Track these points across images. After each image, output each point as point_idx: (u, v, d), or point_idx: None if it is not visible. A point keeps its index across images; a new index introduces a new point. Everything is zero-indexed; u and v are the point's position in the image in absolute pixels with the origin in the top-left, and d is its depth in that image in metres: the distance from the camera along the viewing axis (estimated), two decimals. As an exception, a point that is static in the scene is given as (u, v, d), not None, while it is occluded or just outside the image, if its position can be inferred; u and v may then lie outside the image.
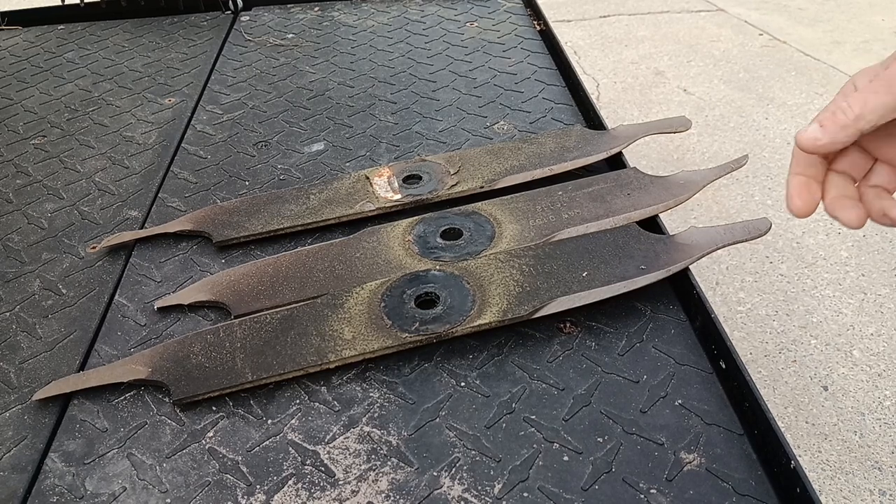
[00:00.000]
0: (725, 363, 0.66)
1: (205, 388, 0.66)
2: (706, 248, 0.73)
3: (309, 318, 0.71)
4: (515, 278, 0.72)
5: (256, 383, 0.67)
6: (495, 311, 0.68)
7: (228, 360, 0.68)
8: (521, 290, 0.71)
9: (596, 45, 3.56)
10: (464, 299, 0.71)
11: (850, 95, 0.55)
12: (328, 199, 0.91)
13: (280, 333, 0.70)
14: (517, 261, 0.74)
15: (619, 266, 0.72)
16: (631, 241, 0.75)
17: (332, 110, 1.17)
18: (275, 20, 1.53)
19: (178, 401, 0.66)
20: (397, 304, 0.71)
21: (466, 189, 0.90)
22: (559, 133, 1.00)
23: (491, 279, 0.72)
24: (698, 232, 0.75)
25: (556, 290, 0.70)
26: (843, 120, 0.55)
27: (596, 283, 0.71)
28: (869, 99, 0.54)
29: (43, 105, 1.25)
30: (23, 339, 0.77)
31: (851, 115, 0.55)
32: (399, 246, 0.81)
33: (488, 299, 0.70)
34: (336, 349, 0.68)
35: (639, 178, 0.86)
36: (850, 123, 0.55)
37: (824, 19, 3.69)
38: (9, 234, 0.94)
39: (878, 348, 1.86)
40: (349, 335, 0.69)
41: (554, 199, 0.85)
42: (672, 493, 0.57)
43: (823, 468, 1.59)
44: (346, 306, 0.72)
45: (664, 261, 0.72)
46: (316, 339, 0.69)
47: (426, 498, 0.58)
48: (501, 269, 0.73)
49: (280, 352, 0.68)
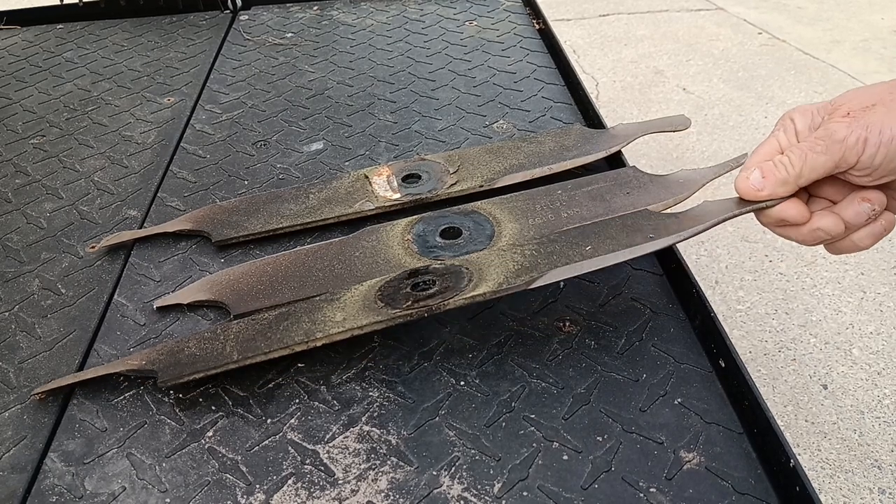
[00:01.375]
0: (725, 362, 0.66)
1: (190, 370, 0.66)
2: (719, 216, 0.66)
3: (304, 310, 0.71)
4: (516, 259, 0.70)
5: (241, 363, 0.66)
6: (491, 284, 0.67)
7: (219, 349, 0.68)
8: (519, 266, 0.69)
9: (595, 44, 3.56)
10: (460, 279, 0.69)
11: (793, 150, 0.57)
12: (327, 199, 0.91)
13: (273, 324, 0.70)
14: (520, 248, 0.73)
15: (626, 238, 0.69)
16: (641, 219, 0.72)
17: (331, 109, 1.17)
18: (274, 19, 1.53)
19: (164, 383, 0.65)
20: (393, 291, 0.71)
21: (466, 188, 0.90)
22: (558, 132, 1.00)
23: (490, 263, 0.71)
24: (711, 205, 0.69)
25: (557, 262, 0.67)
26: (783, 176, 0.57)
27: (600, 253, 0.67)
28: (809, 157, 0.55)
29: (42, 104, 1.25)
30: (22, 339, 0.77)
31: (793, 173, 0.57)
32: (398, 245, 0.81)
33: (485, 277, 0.69)
34: (325, 329, 0.67)
35: (638, 176, 0.86)
36: (791, 180, 0.57)
37: (823, 18, 3.69)
38: (8, 234, 0.93)
39: (878, 347, 1.86)
40: (340, 317, 0.68)
41: (553, 198, 0.84)
42: (671, 492, 0.57)
43: (823, 467, 1.60)
44: (342, 299, 0.72)
45: (674, 229, 0.67)
46: (307, 324, 0.68)
47: (426, 497, 0.58)
48: (502, 255, 0.72)
49: (269, 336, 0.68)
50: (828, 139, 0.54)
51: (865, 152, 0.52)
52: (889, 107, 0.52)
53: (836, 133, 0.53)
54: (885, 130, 0.51)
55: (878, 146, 0.51)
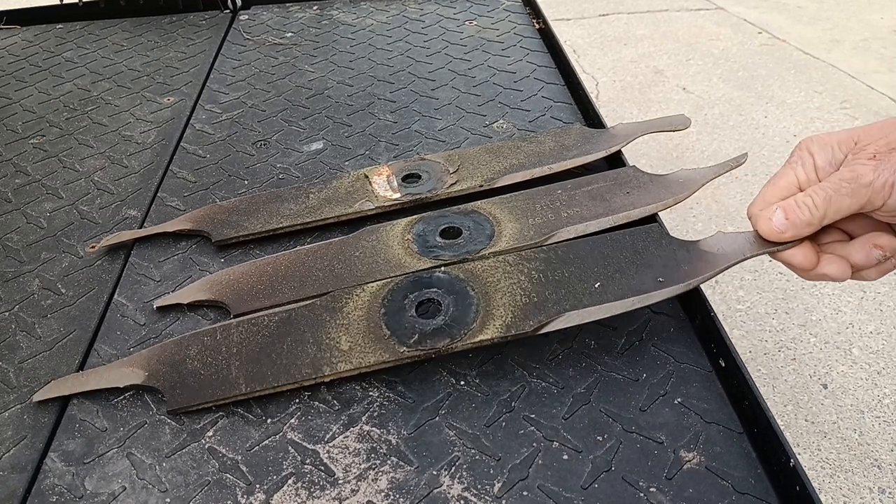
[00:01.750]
0: (725, 361, 0.66)
1: (199, 398, 0.66)
2: (732, 259, 0.66)
3: (307, 322, 0.71)
4: (523, 286, 0.70)
5: (250, 395, 0.66)
6: (498, 325, 0.67)
7: (223, 368, 0.68)
8: (527, 300, 0.68)
9: (595, 44, 3.56)
10: (467, 309, 0.69)
11: (816, 191, 0.56)
12: (327, 198, 0.91)
13: (277, 339, 0.69)
14: (527, 265, 0.72)
15: (636, 277, 0.68)
16: (651, 245, 0.71)
17: (331, 109, 1.17)
18: (273, 19, 1.53)
19: (173, 411, 0.66)
20: (397, 311, 0.70)
21: (465, 188, 0.90)
22: (558, 132, 1.00)
23: (497, 285, 0.70)
24: (725, 238, 0.68)
25: (565, 303, 0.67)
26: (807, 218, 0.56)
27: (608, 296, 0.67)
28: (834, 200, 0.54)
29: (42, 104, 1.25)
30: (22, 339, 0.77)
31: (817, 215, 0.56)
32: (398, 245, 0.81)
33: (492, 310, 0.68)
34: (332, 361, 0.67)
35: (638, 176, 0.86)
36: (815, 223, 0.56)
37: (823, 18, 3.69)
38: (8, 234, 0.93)
39: (878, 346, 1.86)
40: (346, 345, 0.68)
41: (553, 198, 0.84)
42: (671, 492, 0.57)
43: (823, 466, 1.60)
44: (345, 310, 0.71)
45: (684, 272, 0.67)
46: (312, 349, 0.68)
47: (426, 497, 0.58)
48: (510, 275, 0.71)
49: (275, 360, 0.68)
50: (854, 182, 0.53)
51: (893, 196, 0.51)
52: None
53: (863, 177, 0.52)
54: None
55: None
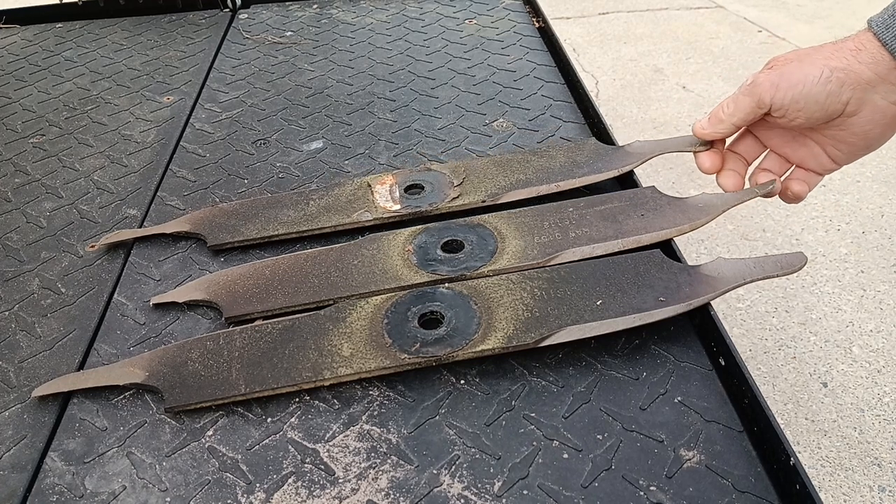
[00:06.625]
0: (725, 360, 0.66)
1: (197, 397, 0.66)
2: (732, 283, 0.68)
3: (310, 330, 0.71)
4: (525, 302, 0.70)
5: (249, 396, 0.66)
6: (500, 336, 0.67)
7: (224, 370, 0.68)
8: (529, 314, 0.69)
9: (595, 43, 3.56)
10: (469, 321, 0.69)
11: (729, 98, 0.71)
12: (327, 207, 0.90)
13: (279, 345, 0.70)
14: (529, 283, 0.72)
15: (637, 296, 0.69)
16: (652, 268, 0.72)
17: (330, 108, 1.17)
18: (273, 18, 1.53)
19: (171, 409, 0.66)
20: (400, 322, 0.70)
21: (467, 202, 0.88)
22: (572, 146, 0.96)
23: (500, 301, 0.71)
24: (726, 264, 0.71)
25: (567, 318, 0.68)
26: (721, 116, 0.72)
27: (610, 313, 0.68)
28: (739, 100, 0.70)
29: (41, 104, 1.25)
30: (22, 338, 0.77)
31: (728, 113, 0.72)
32: (398, 256, 0.79)
33: (494, 323, 0.68)
34: (332, 366, 0.67)
35: (655, 198, 0.82)
36: (725, 119, 0.72)
37: (823, 16, 3.69)
38: (7, 233, 0.93)
39: (878, 345, 1.86)
40: (347, 352, 0.68)
41: (563, 216, 0.82)
42: (672, 490, 0.57)
43: (823, 465, 1.60)
44: (348, 320, 0.71)
45: (685, 294, 0.68)
46: (314, 354, 0.68)
47: (426, 496, 0.58)
48: (512, 292, 0.71)
49: (276, 364, 0.68)
50: (752, 85, 0.68)
51: (777, 94, 0.65)
52: (803, 61, 0.64)
53: (756, 80, 0.67)
54: (793, 76, 0.64)
55: (787, 89, 0.64)
